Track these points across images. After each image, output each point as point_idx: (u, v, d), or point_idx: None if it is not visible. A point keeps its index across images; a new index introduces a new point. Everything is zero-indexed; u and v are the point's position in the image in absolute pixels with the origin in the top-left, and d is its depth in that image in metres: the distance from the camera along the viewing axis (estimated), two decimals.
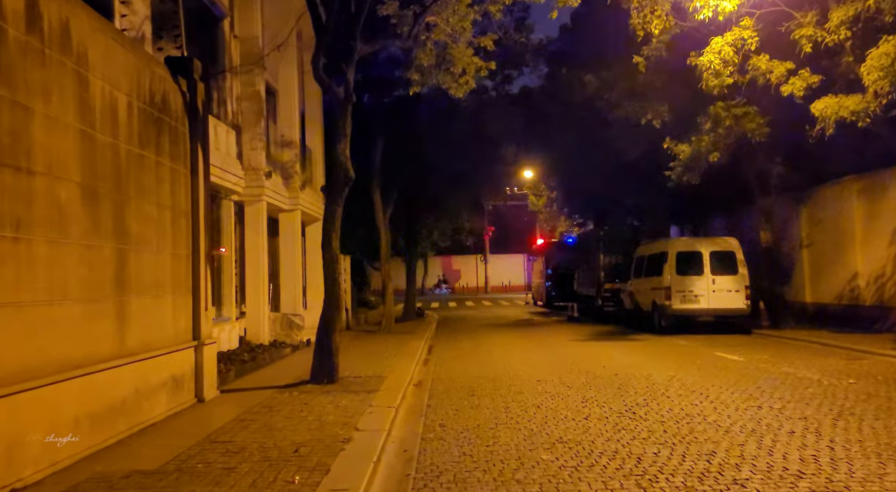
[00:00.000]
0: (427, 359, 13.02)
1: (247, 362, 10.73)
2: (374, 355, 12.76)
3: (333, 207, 9.25)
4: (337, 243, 9.33)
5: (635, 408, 7.31)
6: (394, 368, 10.99)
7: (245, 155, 12.98)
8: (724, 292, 15.87)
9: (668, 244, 16.67)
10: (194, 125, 8.23)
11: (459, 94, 12.61)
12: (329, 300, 9.31)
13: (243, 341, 12.35)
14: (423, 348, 14.46)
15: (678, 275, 16.12)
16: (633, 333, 16.89)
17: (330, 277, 9.29)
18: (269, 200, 13.39)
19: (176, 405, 7.43)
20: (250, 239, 13.02)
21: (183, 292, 7.86)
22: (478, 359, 12.45)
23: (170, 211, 7.55)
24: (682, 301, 16.01)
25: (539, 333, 17.78)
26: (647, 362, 11.08)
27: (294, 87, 15.30)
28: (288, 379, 9.71)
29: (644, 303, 17.82)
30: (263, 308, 12.98)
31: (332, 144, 9.26)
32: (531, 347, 14.33)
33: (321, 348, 9.26)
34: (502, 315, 27.20)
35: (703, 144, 13.94)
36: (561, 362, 11.46)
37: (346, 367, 10.87)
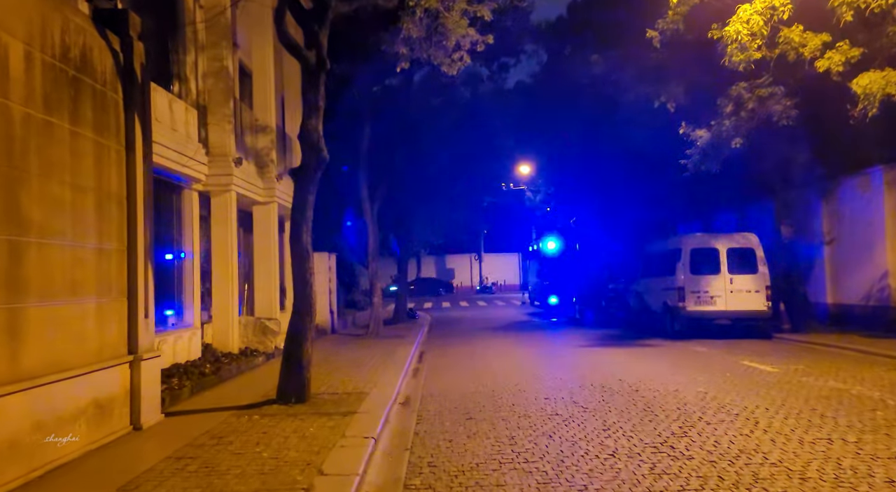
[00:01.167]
0: (417, 368, 11.58)
1: (207, 376, 9.26)
2: (358, 365, 11.32)
3: (305, 195, 7.80)
4: (308, 237, 7.88)
5: (672, 440, 5.89)
6: (378, 380, 9.55)
7: (211, 139, 11.49)
8: (742, 293, 14.50)
9: (681, 241, 15.29)
10: (130, 92, 6.76)
11: (453, 71, 11.19)
12: (299, 304, 7.86)
13: (208, 350, 10.87)
14: (414, 356, 13.03)
15: (692, 274, 14.74)
16: (642, 337, 15.50)
17: (300, 278, 7.84)
18: (239, 191, 11.91)
19: (101, 437, 5.96)
20: (218, 234, 11.53)
21: (114, 296, 6.39)
22: (474, 369, 11.02)
23: (93, 195, 6.07)
24: (697, 303, 14.63)
25: (540, 338, 16.37)
26: (668, 374, 9.68)
27: (269, 67, 13.81)
28: (252, 397, 8.26)
29: (654, 304, 16.44)
30: (232, 312, 11.51)
31: (303, 120, 7.80)
32: (533, 354, 12.92)
33: (289, 361, 7.82)
34: (498, 316, 25.79)
35: (724, 128, 12.56)
36: (569, 374, 10.04)
37: (322, 380, 9.42)
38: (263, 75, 13.71)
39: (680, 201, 19.77)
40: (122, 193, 6.65)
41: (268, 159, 13.45)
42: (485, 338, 16.76)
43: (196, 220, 11.17)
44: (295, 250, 7.80)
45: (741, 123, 12.48)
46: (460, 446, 6.04)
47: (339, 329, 19.24)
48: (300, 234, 7.73)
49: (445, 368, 11.33)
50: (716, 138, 12.64)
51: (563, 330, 18.61)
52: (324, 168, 7.91)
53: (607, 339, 15.52)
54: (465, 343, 15.57)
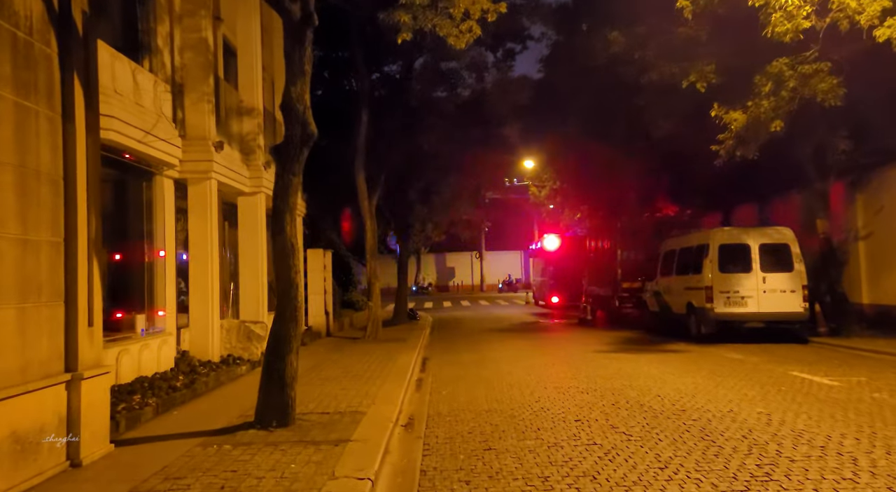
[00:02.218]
0: (420, 379, 10.29)
1: (178, 390, 7.96)
2: (354, 374, 10.02)
3: (288, 177, 6.49)
4: (294, 229, 6.57)
5: (756, 486, 4.59)
6: (376, 395, 8.26)
7: (188, 120, 10.18)
8: (776, 293, 13.20)
9: (708, 235, 13.98)
10: (68, 47, 5.45)
11: (461, 44, 9.89)
12: (283, 308, 6.56)
13: (184, 359, 9.56)
14: (416, 362, 11.74)
15: (721, 272, 13.44)
16: (664, 341, 14.21)
17: (284, 276, 6.54)
18: (220, 179, 10.60)
19: (21, 481, 4.66)
20: (196, 227, 10.22)
21: (44, 300, 5.09)
22: (485, 379, 9.73)
23: (11, 171, 4.77)
24: (727, 304, 13.33)
25: (552, 341, 15.08)
26: (711, 388, 8.39)
27: (256, 44, 12.49)
28: (227, 417, 6.97)
29: (676, 305, 15.14)
30: (212, 315, 10.20)
31: (286, 87, 6.49)
32: (549, 361, 11.62)
33: (270, 377, 6.52)
34: (502, 317, 24.50)
35: (762, 109, 11.25)
36: (597, 387, 8.74)
37: (311, 395, 8.13)
38: (249, 53, 12.39)
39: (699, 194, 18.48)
40: (58, 171, 5.34)
41: (254, 145, 12.14)
42: (492, 341, 15.46)
43: (171, 211, 9.86)
44: (278, 244, 6.50)
45: (781, 103, 11.18)
46: (480, 487, 4.75)
47: (335, 332, 17.96)
48: (283, 224, 6.43)
49: (453, 378, 10.03)
50: (753, 121, 11.33)
51: (574, 332, 17.32)
52: (311, 145, 6.61)
53: (626, 343, 14.23)
54: (472, 348, 14.27)
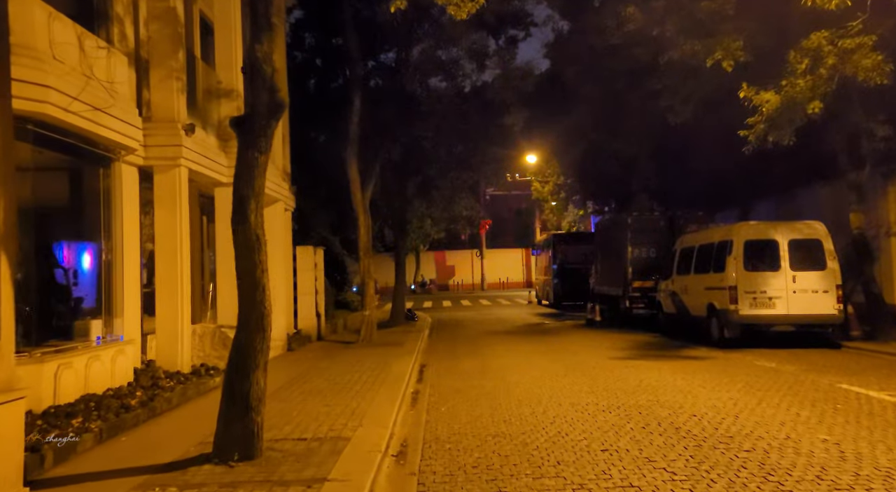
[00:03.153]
0: (417, 392, 9.13)
1: (132, 410, 6.80)
2: (341, 387, 8.87)
3: (252, 155, 5.34)
4: (260, 219, 5.42)
5: None
6: (365, 413, 7.11)
7: (154, 99, 9.01)
8: (808, 293, 12.04)
9: (732, 231, 12.82)
10: None
11: (462, 15, 8.76)
12: (246, 315, 5.43)
13: (146, 371, 8.40)
14: (412, 371, 10.58)
15: (747, 271, 12.28)
16: (683, 345, 13.06)
17: (248, 276, 5.40)
18: (192, 167, 9.43)
19: None
20: (163, 221, 9.05)
21: None
22: (490, 393, 8.57)
23: None
24: (753, 305, 12.17)
25: (561, 345, 13.92)
26: (754, 405, 7.22)
27: (236, 18, 11.33)
28: (182, 446, 5.81)
29: (694, 306, 13.98)
30: (182, 320, 9.03)
31: (250, 44, 5.33)
32: (560, 370, 10.46)
33: (231, 399, 5.36)
34: (505, 317, 23.33)
35: (798, 89, 10.10)
36: (619, 403, 7.58)
37: (288, 414, 6.97)
38: (227, 28, 11.23)
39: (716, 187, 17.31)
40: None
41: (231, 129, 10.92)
42: (495, 345, 14.30)
43: (133, 202, 8.70)
44: (240, 236, 5.36)
45: (819, 82, 10.02)
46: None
47: (327, 335, 16.80)
48: (246, 212, 5.27)
49: (453, 391, 8.87)
50: (787, 102, 10.16)
51: (582, 335, 16.17)
52: (280, 116, 5.45)
53: (642, 348, 13.07)
54: (474, 353, 13.11)
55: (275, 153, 13.63)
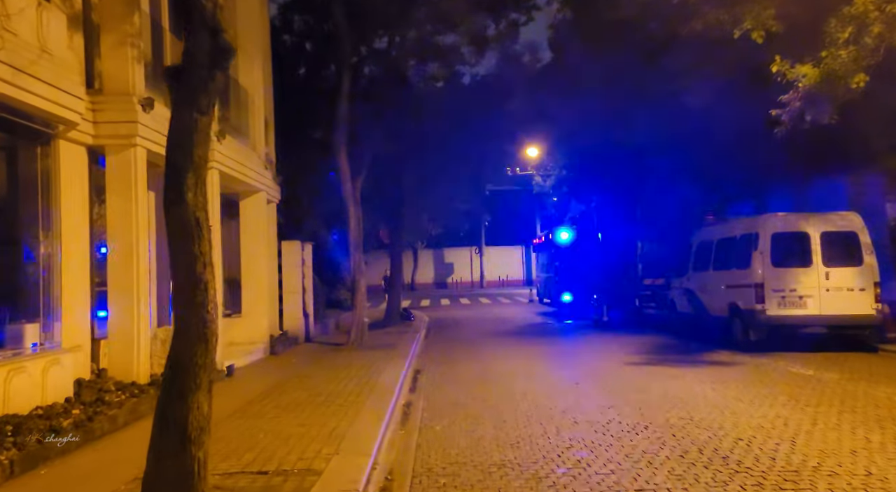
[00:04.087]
0: (409, 404, 7.97)
1: (62, 433, 5.62)
2: (322, 399, 7.70)
3: (190, 116, 4.15)
4: (201, 199, 4.22)
5: None
6: (345, 435, 5.96)
7: (105, 69, 7.83)
8: (842, 292, 10.91)
9: (757, 223, 11.67)
10: None
11: None
12: (184, 321, 4.24)
13: (93, 383, 7.23)
14: (405, 379, 9.43)
15: (775, 266, 11.13)
16: (703, 349, 11.91)
17: (185, 270, 4.21)
18: (152, 147, 8.23)
19: None
20: (116, 209, 7.86)
21: None
22: (494, 406, 7.42)
23: None
24: (781, 305, 11.03)
25: (569, 349, 12.77)
26: (809, 426, 6.07)
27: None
28: (110, 484, 4.66)
29: (713, 306, 12.82)
30: (139, 324, 7.86)
31: None
32: (571, 377, 9.30)
33: (164, 427, 4.17)
34: (506, 317, 22.17)
35: (839, 62, 8.92)
36: (646, 421, 6.43)
37: (253, 438, 5.81)
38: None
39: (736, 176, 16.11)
40: None
41: None
42: (496, 348, 13.15)
43: (79, 186, 7.53)
44: (173, 219, 4.18)
45: (864, 53, 8.85)
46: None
47: (315, 336, 15.63)
48: (181, 189, 4.09)
49: (450, 404, 7.72)
50: (827, 76, 9.00)
51: (591, 336, 15.01)
52: (226, 66, 4.28)
53: (657, 351, 11.91)
54: (474, 357, 11.96)
55: (255, 138, 12.49)
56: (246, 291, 12.24)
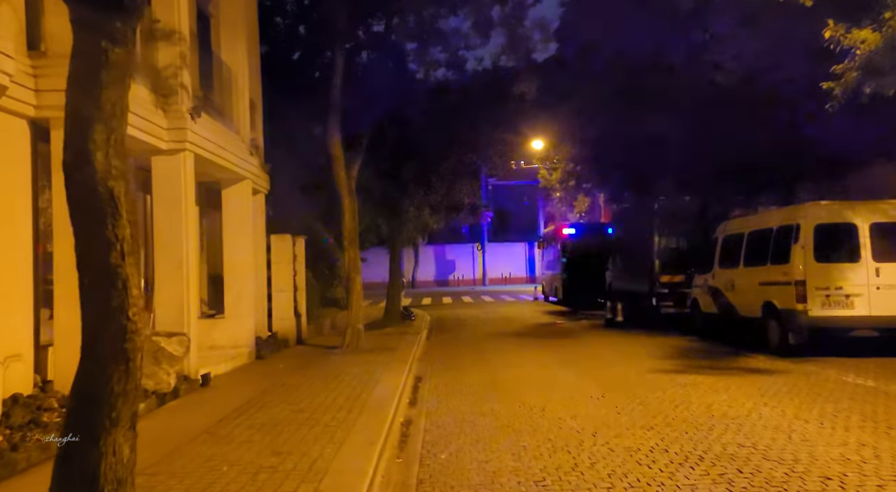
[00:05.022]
0: (408, 422, 6.81)
1: None
2: (305, 417, 6.53)
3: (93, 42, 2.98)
4: (114, 161, 3.05)
5: None
6: (326, 471, 4.80)
7: (49, 29, 6.66)
8: (894, 290, 9.72)
9: (798, 213, 10.47)
10: None
11: None
12: (92, 332, 3.07)
13: (32, 400, 6.07)
14: (404, 389, 8.27)
15: (818, 262, 9.95)
16: (734, 352, 10.75)
17: (92, 263, 3.04)
18: None
19: None
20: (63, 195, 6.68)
21: None
22: (508, 426, 6.26)
23: None
24: (826, 305, 9.85)
25: (585, 352, 11.59)
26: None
27: None
28: None
29: (744, 305, 11.64)
30: None
31: None
32: (593, 387, 8.13)
33: (66, 478, 3.01)
34: (511, 316, 21.02)
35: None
36: (696, 448, 5.25)
37: (212, 476, 4.64)
38: None
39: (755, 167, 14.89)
40: None
41: (174, 83, 8.56)
42: (505, 352, 11.99)
43: (22, 168, 6.36)
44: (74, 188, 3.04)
45: None
46: None
47: (309, 338, 14.47)
48: (85, 147, 2.93)
49: (458, 422, 6.55)
50: (891, 41, 7.81)
51: (606, 337, 13.84)
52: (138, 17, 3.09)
53: (684, 356, 10.75)
54: (481, 361, 10.81)
55: (239, 120, 11.31)
56: (229, 290, 11.06)
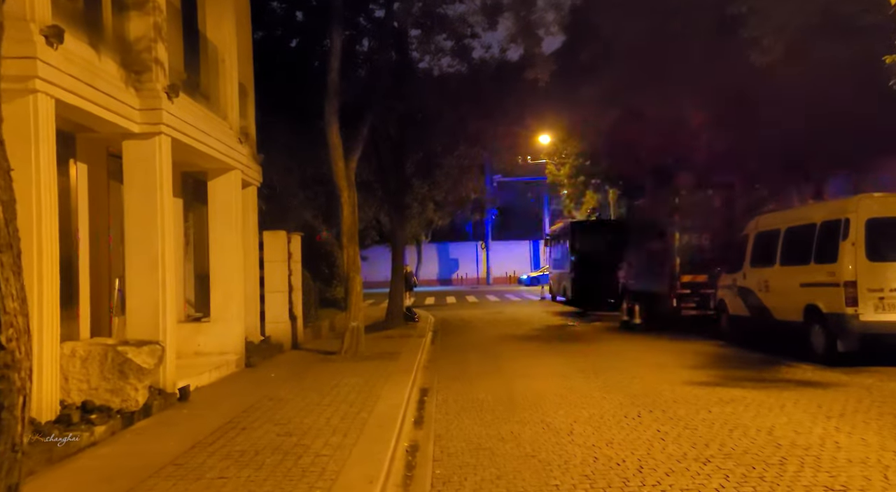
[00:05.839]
0: (414, 449, 5.80)
1: None
2: (292, 444, 5.52)
3: None
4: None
5: None
6: None
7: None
8: None
9: (847, 205, 9.42)
10: None
11: None
12: None
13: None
14: (408, 404, 7.27)
15: (871, 261, 8.91)
16: (774, 360, 9.73)
17: None
18: (65, 98, 6.06)
19: None
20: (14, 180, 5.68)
21: None
22: (532, 455, 5.26)
23: None
24: (880, 308, 8.82)
25: (606, 360, 10.55)
26: None
27: None
28: None
29: (782, 308, 10.59)
30: (47, 335, 5.68)
31: None
32: (626, 404, 7.11)
33: None
34: (520, 317, 20.01)
35: None
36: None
37: None
38: None
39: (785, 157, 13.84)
40: None
41: (148, 58, 7.56)
42: (518, 358, 10.98)
43: None
44: None
45: None
46: None
47: (305, 342, 13.49)
48: None
49: (472, 450, 5.53)
50: None
51: (626, 343, 12.82)
52: None
53: (719, 364, 9.72)
54: (492, 369, 9.80)
55: (226, 105, 10.31)
56: (216, 290, 10.06)
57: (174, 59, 8.50)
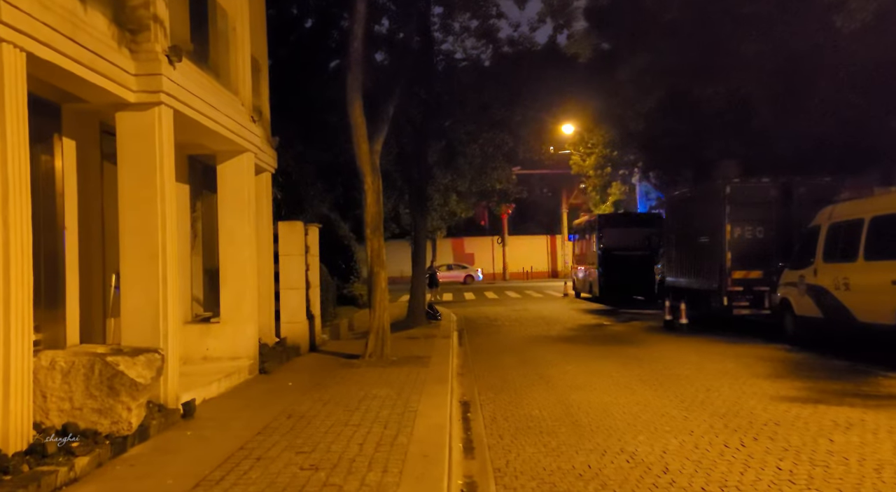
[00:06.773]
0: (471, 487, 4.63)
1: None
2: (316, 482, 4.35)
3: None
4: None
5: None
6: None
7: None
8: None
9: None
10: None
11: None
12: None
13: None
14: (452, 427, 6.09)
15: None
16: (865, 370, 8.49)
17: None
18: (45, 55, 4.93)
19: None
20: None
21: None
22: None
23: None
24: None
25: (663, 366, 9.32)
26: None
27: None
28: None
29: (868, 309, 9.29)
30: (19, 345, 4.56)
31: None
32: (717, 428, 5.89)
33: None
34: (548, 315, 18.80)
35: None
36: None
37: None
38: None
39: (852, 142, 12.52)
40: None
41: (145, 16, 6.39)
42: (561, 363, 9.79)
43: None
44: None
45: None
46: None
47: (323, 343, 12.38)
48: None
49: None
50: None
51: (678, 345, 11.55)
52: None
53: (797, 373, 8.47)
54: (536, 377, 8.62)
55: (237, 78, 9.17)
56: (226, 288, 8.92)
57: (179, 22, 7.36)
